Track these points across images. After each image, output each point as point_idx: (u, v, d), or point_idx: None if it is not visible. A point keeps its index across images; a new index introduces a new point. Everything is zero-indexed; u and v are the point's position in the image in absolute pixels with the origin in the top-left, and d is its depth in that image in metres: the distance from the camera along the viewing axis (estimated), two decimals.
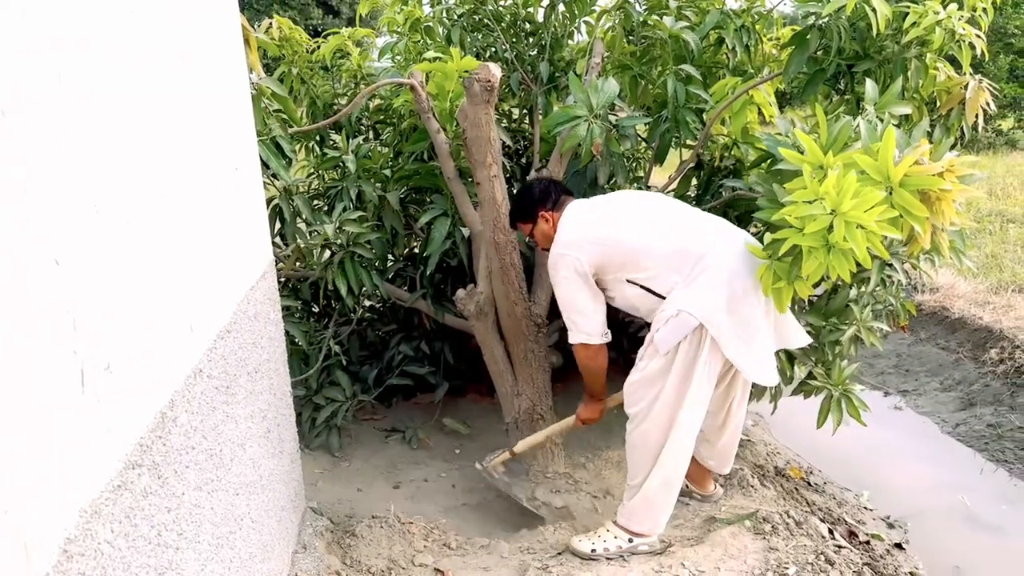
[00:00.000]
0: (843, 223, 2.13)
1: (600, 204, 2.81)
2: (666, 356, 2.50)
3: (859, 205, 2.10)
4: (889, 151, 2.18)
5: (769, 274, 2.43)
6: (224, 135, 2.06)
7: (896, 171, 2.17)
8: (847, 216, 2.12)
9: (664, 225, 2.66)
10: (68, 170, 1.13)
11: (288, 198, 3.23)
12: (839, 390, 2.96)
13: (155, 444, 1.37)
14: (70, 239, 1.12)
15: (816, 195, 2.16)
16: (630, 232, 2.64)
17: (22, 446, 0.97)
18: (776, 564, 2.44)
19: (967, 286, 5.58)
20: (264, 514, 2.13)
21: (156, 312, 1.43)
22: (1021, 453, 3.97)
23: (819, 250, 2.20)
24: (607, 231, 2.65)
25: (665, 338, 2.49)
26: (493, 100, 2.91)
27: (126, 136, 1.35)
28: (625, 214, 2.73)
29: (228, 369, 1.87)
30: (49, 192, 1.07)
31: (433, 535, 2.87)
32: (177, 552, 1.43)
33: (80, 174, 1.17)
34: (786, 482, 3.43)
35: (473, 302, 3.19)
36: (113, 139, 1.29)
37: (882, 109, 2.58)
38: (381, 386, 3.79)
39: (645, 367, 2.58)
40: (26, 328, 0.99)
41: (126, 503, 1.23)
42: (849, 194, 2.11)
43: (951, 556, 3.29)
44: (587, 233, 2.66)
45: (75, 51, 1.17)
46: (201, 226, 1.75)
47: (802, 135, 2.35)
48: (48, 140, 1.08)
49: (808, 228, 2.16)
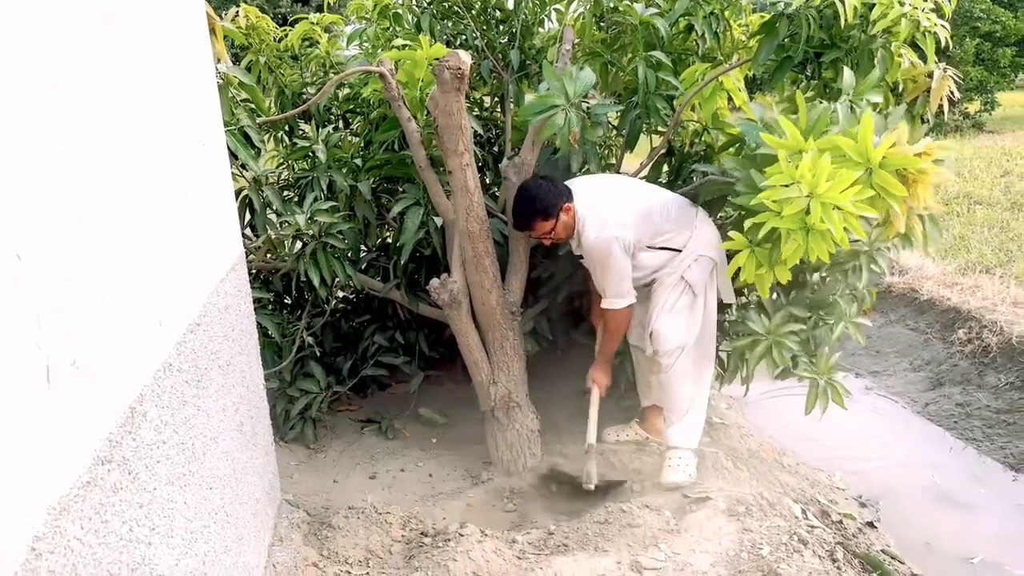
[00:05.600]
0: (820, 204, 2.17)
1: (606, 184, 3.20)
2: (695, 293, 3.04)
3: (835, 186, 2.14)
4: (869, 134, 2.24)
5: (752, 261, 2.47)
6: (190, 115, 2.03)
7: (875, 153, 2.22)
8: (823, 197, 2.16)
9: (662, 192, 3.18)
10: (28, 160, 1.11)
11: (258, 189, 3.19)
12: (825, 379, 3.02)
13: (125, 439, 1.35)
14: (32, 232, 1.10)
15: (793, 178, 2.19)
16: (651, 204, 3.07)
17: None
18: (751, 545, 2.47)
19: (935, 268, 5.67)
20: (239, 507, 2.12)
21: (123, 306, 1.41)
22: (989, 431, 4.05)
23: (798, 232, 2.24)
24: (639, 207, 3.04)
25: (697, 280, 3.03)
26: (464, 88, 2.89)
27: (89, 122, 1.33)
28: (635, 190, 3.16)
29: (199, 363, 1.85)
30: (8, 184, 1.05)
31: (411, 524, 2.87)
32: (150, 547, 1.42)
33: (41, 164, 1.15)
34: (760, 464, 3.48)
35: (447, 291, 3.18)
36: (75, 126, 1.27)
37: (859, 96, 2.63)
38: (356, 377, 3.77)
39: (674, 306, 3.07)
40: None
41: (96, 499, 1.22)
42: (824, 176, 2.14)
43: (922, 533, 3.36)
44: (628, 212, 3.01)
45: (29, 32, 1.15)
46: (168, 216, 1.73)
47: (784, 120, 2.38)
48: (4, 129, 1.05)
49: (786, 211, 2.20)
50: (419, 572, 2.47)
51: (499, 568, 2.51)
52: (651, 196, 3.13)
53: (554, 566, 2.43)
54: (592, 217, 3.00)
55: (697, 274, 3.04)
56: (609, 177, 3.38)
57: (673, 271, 3.07)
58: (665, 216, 3.04)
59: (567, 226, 3.05)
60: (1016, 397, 4.12)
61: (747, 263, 2.54)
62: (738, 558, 2.42)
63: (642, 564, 2.41)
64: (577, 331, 3.96)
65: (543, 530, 2.81)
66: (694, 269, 3.04)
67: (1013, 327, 4.42)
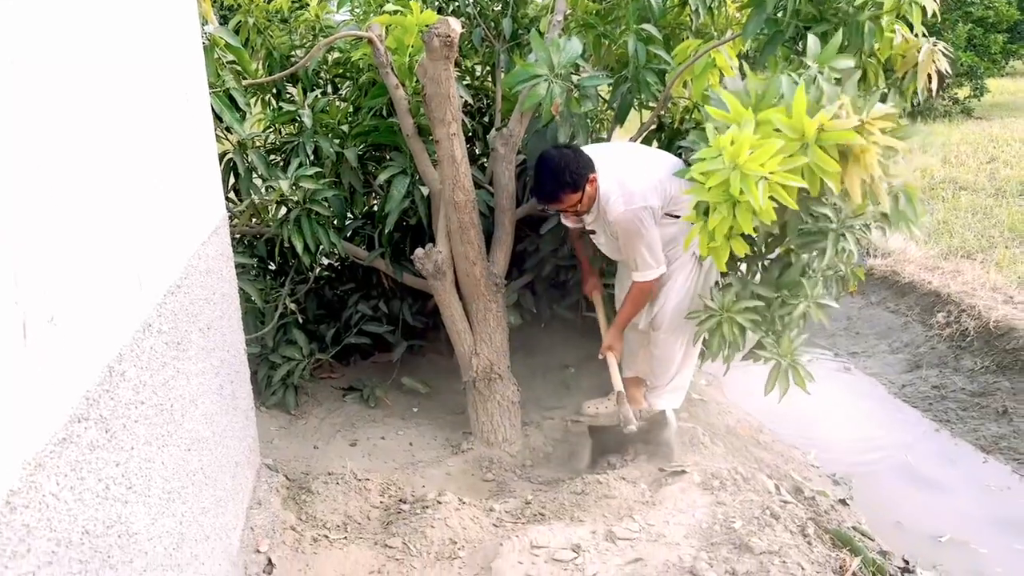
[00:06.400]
0: (739, 175, 2.17)
1: (620, 152, 3.17)
2: (703, 266, 3.12)
3: (756, 157, 2.14)
4: (801, 107, 2.23)
5: (704, 235, 2.47)
6: (173, 71, 2.00)
7: (809, 126, 2.21)
8: (744, 168, 2.16)
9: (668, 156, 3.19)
10: (4, 117, 1.09)
11: (242, 152, 3.16)
12: (787, 360, 3.02)
13: (102, 398, 1.35)
14: (8, 189, 1.09)
15: (718, 149, 2.20)
16: (664, 168, 3.04)
17: None
18: (723, 518, 2.51)
19: (918, 252, 5.71)
20: (218, 470, 2.12)
21: (102, 265, 1.40)
22: (963, 413, 4.11)
23: (723, 204, 2.24)
24: (656, 173, 3.01)
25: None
26: (453, 56, 2.86)
27: (67, 74, 1.31)
28: (648, 156, 3.18)
29: (179, 325, 1.84)
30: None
31: (390, 491, 2.90)
32: (126, 506, 1.43)
33: (18, 121, 1.13)
34: (736, 440, 3.52)
35: (432, 261, 3.18)
36: (51, 73, 1.25)
37: (823, 63, 2.61)
38: (339, 345, 3.77)
39: (684, 285, 3.15)
40: None
41: (72, 456, 1.22)
42: (746, 147, 2.13)
43: (893, 511, 3.42)
44: (649, 180, 2.97)
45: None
46: (149, 176, 1.71)
47: (725, 93, 2.38)
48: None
49: (709, 182, 2.20)
50: (396, 537, 2.50)
51: (476, 535, 2.54)
52: (662, 160, 3.12)
53: (530, 534, 2.46)
54: (616, 188, 2.94)
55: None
56: (619, 145, 3.41)
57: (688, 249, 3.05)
58: (677, 181, 3.01)
59: (591, 198, 2.99)
60: (991, 381, 4.18)
61: (700, 237, 2.54)
62: (711, 530, 2.45)
63: (616, 534, 2.44)
64: (561, 305, 3.97)
65: (520, 499, 2.85)
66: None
67: (991, 312, 4.48)
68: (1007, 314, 4.44)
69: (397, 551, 2.44)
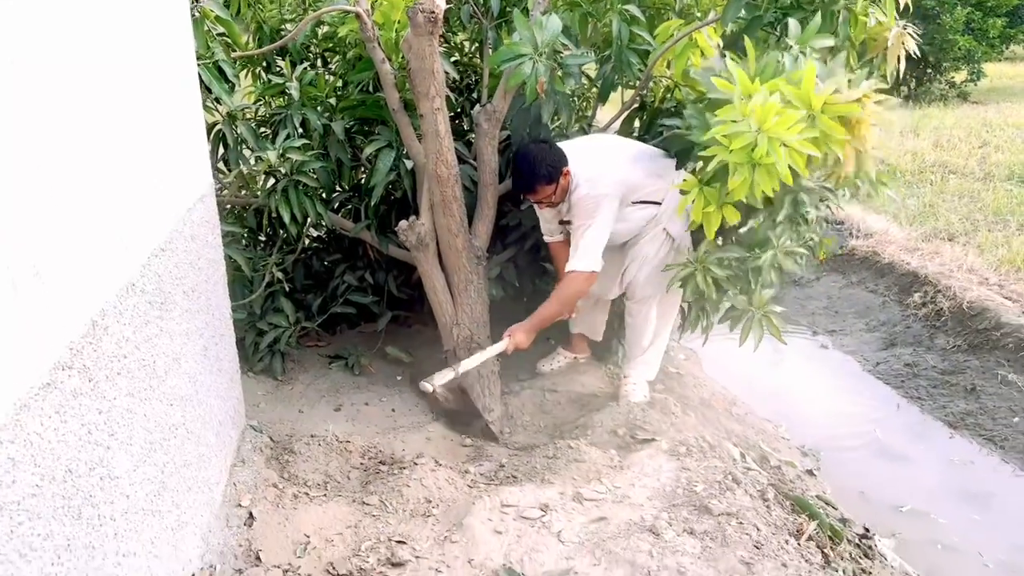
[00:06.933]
0: (767, 139, 2.35)
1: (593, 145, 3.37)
2: (673, 241, 3.28)
3: (781, 123, 2.32)
4: (811, 81, 2.40)
5: (700, 198, 2.62)
6: (159, 37, 2.07)
7: (816, 99, 2.39)
8: (771, 132, 2.34)
9: (643, 147, 3.37)
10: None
11: (232, 123, 3.24)
12: (760, 312, 3.14)
13: (85, 349, 1.45)
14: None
15: (743, 115, 2.34)
16: (635, 159, 3.25)
17: None
18: (686, 482, 2.63)
19: (900, 232, 5.81)
20: (201, 426, 2.23)
21: (86, 225, 1.49)
22: (933, 391, 4.23)
23: (744, 166, 2.42)
24: (625, 164, 3.21)
25: (677, 231, 3.27)
26: (437, 32, 2.93)
27: (57, 40, 1.39)
28: (620, 147, 3.34)
29: (163, 286, 1.94)
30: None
31: (370, 453, 3.01)
32: (108, 451, 1.53)
33: (7, 82, 1.21)
34: (709, 412, 3.64)
35: (415, 233, 3.27)
36: (42, 42, 1.33)
37: (804, 43, 2.73)
38: (325, 314, 3.87)
39: (655, 257, 3.30)
40: None
41: (55, 400, 1.32)
42: (772, 113, 2.30)
43: (858, 483, 3.55)
44: (617, 170, 3.18)
45: None
46: (134, 142, 1.80)
47: (732, 65, 2.51)
48: None
49: (734, 144, 2.36)
50: (374, 495, 2.61)
51: (450, 495, 2.65)
52: (632, 151, 3.32)
53: (501, 494, 2.57)
54: (584, 176, 3.17)
55: (677, 226, 3.27)
56: (594, 138, 3.57)
57: (656, 224, 3.30)
58: (648, 170, 3.24)
59: (564, 190, 3.20)
60: (962, 359, 4.30)
61: (697, 201, 2.71)
62: (673, 493, 2.57)
63: (583, 495, 2.56)
64: (543, 280, 4.06)
65: (495, 462, 2.96)
66: (675, 221, 3.25)
67: (966, 292, 4.58)
68: (981, 295, 4.55)
69: (374, 508, 2.55)
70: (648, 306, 3.40)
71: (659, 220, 3.27)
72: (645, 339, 3.49)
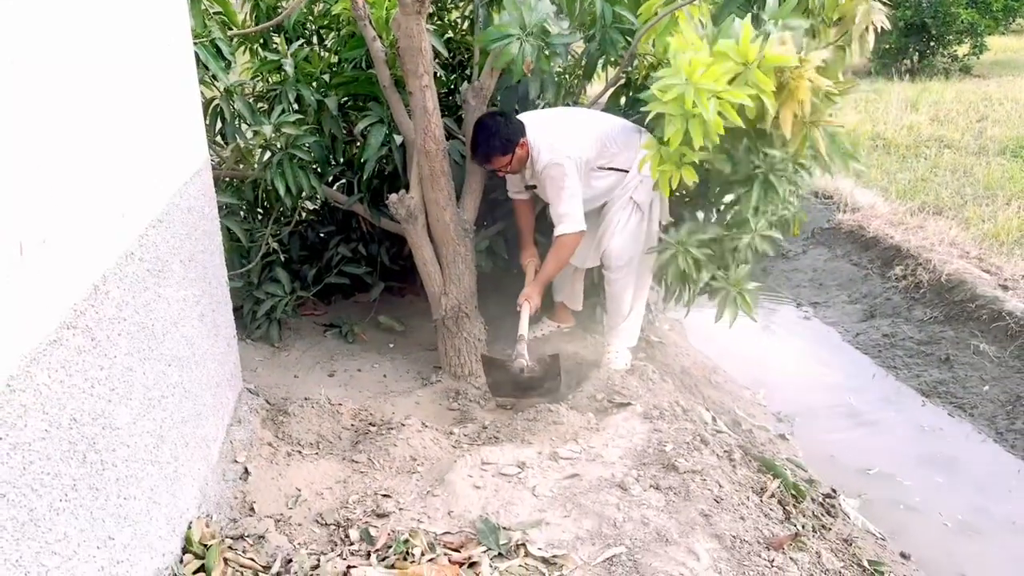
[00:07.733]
0: (693, 90, 2.59)
1: (554, 115, 3.55)
2: (643, 211, 3.43)
3: (708, 75, 2.57)
4: (747, 36, 2.64)
5: (656, 155, 2.82)
6: (156, 12, 2.19)
7: (751, 51, 2.64)
8: (698, 83, 2.59)
9: (608, 117, 3.56)
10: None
11: (228, 99, 3.36)
12: (736, 290, 3.29)
13: (88, 311, 1.59)
14: (4, 127, 1.31)
15: (677, 72, 2.61)
16: (597, 126, 3.44)
17: None
18: (657, 443, 2.78)
19: (887, 207, 5.92)
20: (198, 387, 2.39)
21: (87, 197, 1.63)
22: (909, 360, 4.37)
23: (677, 117, 2.67)
24: (586, 129, 3.40)
25: (643, 199, 3.43)
26: (425, 11, 3.04)
27: (54, 6, 1.52)
28: (582, 116, 3.53)
29: (160, 255, 2.08)
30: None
31: (361, 416, 3.17)
32: (110, 404, 1.69)
33: (12, 59, 1.35)
34: (688, 379, 3.79)
35: (404, 207, 3.40)
36: (40, 11, 1.46)
37: (777, 19, 2.90)
38: (320, 284, 4.02)
39: (626, 226, 3.46)
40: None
41: (61, 356, 1.47)
42: (699, 67, 2.57)
43: (829, 446, 3.71)
44: (577, 134, 3.37)
45: None
46: (132, 117, 1.93)
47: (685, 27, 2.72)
48: None
49: (667, 96, 2.61)
50: (363, 454, 2.78)
51: (434, 453, 2.82)
52: (597, 119, 3.51)
53: (482, 453, 2.73)
54: (544, 143, 3.34)
55: (643, 194, 3.43)
56: (558, 110, 3.72)
57: (623, 192, 3.46)
58: (612, 137, 3.42)
59: (521, 160, 3.37)
60: (938, 330, 4.43)
61: (653, 160, 2.94)
62: (644, 452, 2.73)
63: (559, 454, 2.72)
64: None
65: (478, 424, 3.12)
66: (640, 189, 3.42)
67: (945, 265, 4.70)
68: (960, 268, 4.67)
69: (362, 465, 2.71)
70: (624, 274, 3.55)
71: (627, 188, 3.44)
72: (625, 307, 3.64)
